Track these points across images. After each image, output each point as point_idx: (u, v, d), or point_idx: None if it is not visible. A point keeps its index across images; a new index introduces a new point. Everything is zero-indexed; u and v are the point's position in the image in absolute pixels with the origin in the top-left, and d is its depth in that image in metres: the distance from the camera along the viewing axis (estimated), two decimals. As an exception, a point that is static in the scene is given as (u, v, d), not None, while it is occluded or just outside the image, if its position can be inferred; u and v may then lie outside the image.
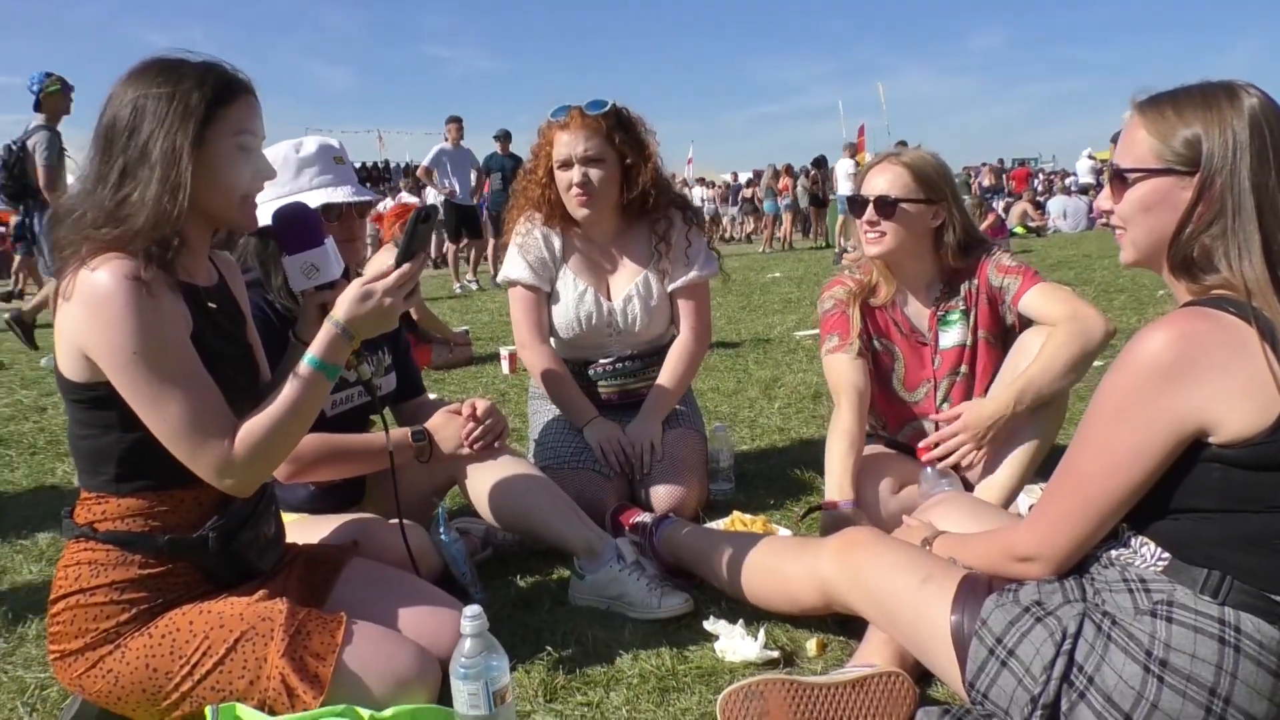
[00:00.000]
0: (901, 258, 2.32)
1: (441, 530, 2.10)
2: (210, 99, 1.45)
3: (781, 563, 1.80)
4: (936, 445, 2.23)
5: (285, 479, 2.04)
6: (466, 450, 2.14)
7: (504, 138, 10.92)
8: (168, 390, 1.41)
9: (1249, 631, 1.21)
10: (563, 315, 2.67)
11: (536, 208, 2.66)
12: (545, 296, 2.68)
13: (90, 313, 1.39)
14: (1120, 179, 1.32)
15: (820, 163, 18.01)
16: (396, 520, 2.10)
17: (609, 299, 2.68)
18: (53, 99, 6.40)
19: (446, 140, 10.40)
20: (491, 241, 11.24)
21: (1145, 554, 1.31)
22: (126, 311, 1.38)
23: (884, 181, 2.26)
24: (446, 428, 2.16)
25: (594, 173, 2.53)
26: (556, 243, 2.67)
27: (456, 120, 10.40)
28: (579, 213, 2.59)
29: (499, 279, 2.75)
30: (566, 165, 2.54)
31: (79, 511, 1.55)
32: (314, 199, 2.01)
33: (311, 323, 1.63)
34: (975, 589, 1.44)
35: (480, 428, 2.15)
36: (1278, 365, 1.17)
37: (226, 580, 1.59)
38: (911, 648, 1.53)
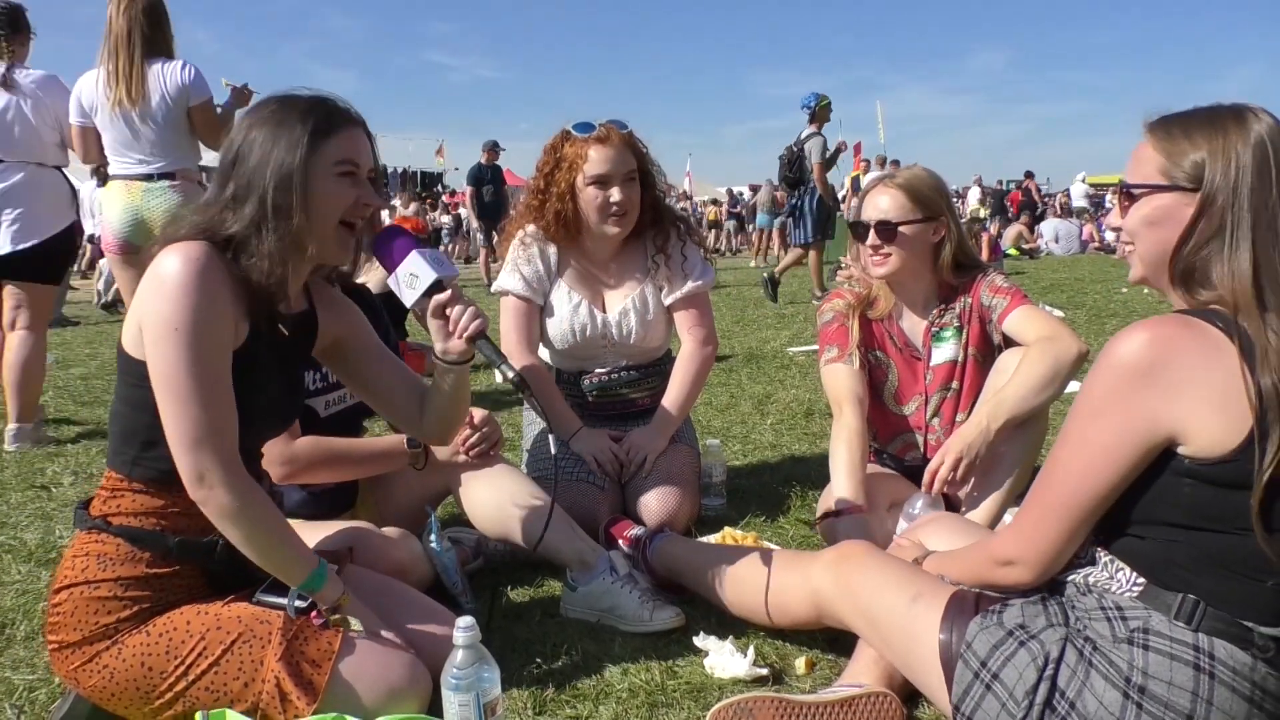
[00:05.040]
0: (904, 276, 2.37)
1: (434, 539, 2.11)
2: (314, 130, 1.54)
3: (775, 574, 1.80)
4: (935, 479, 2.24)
5: (280, 480, 2.05)
6: (462, 457, 2.16)
7: (492, 149, 11.13)
8: (188, 380, 1.45)
9: (1223, 658, 1.23)
10: (557, 327, 2.68)
11: (547, 225, 2.62)
12: (537, 309, 2.69)
13: (153, 284, 1.47)
14: (1129, 196, 1.35)
15: None
16: (389, 529, 2.11)
17: (604, 311, 2.69)
18: (823, 111, 8.66)
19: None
20: (483, 252, 11.42)
21: (1121, 579, 1.32)
22: (182, 289, 1.45)
23: (883, 205, 2.32)
24: None
25: (631, 191, 2.55)
26: (553, 257, 2.67)
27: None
28: (610, 230, 2.57)
29: (494, 289, 2.76)
30: (604, 182, 2.52)
31: (95, 504, 1.58)
32: None
33: (437, 337, 1.67)
34: (963, 608, 1.45)
35: (477, 435, 2.16)
36: (1253, 384, 1.18)
37: (228, 585, 1.60)
38: (900, 665, 1.55)
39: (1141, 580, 1.30)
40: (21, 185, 3.63)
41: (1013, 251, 14.74)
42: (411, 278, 1.62)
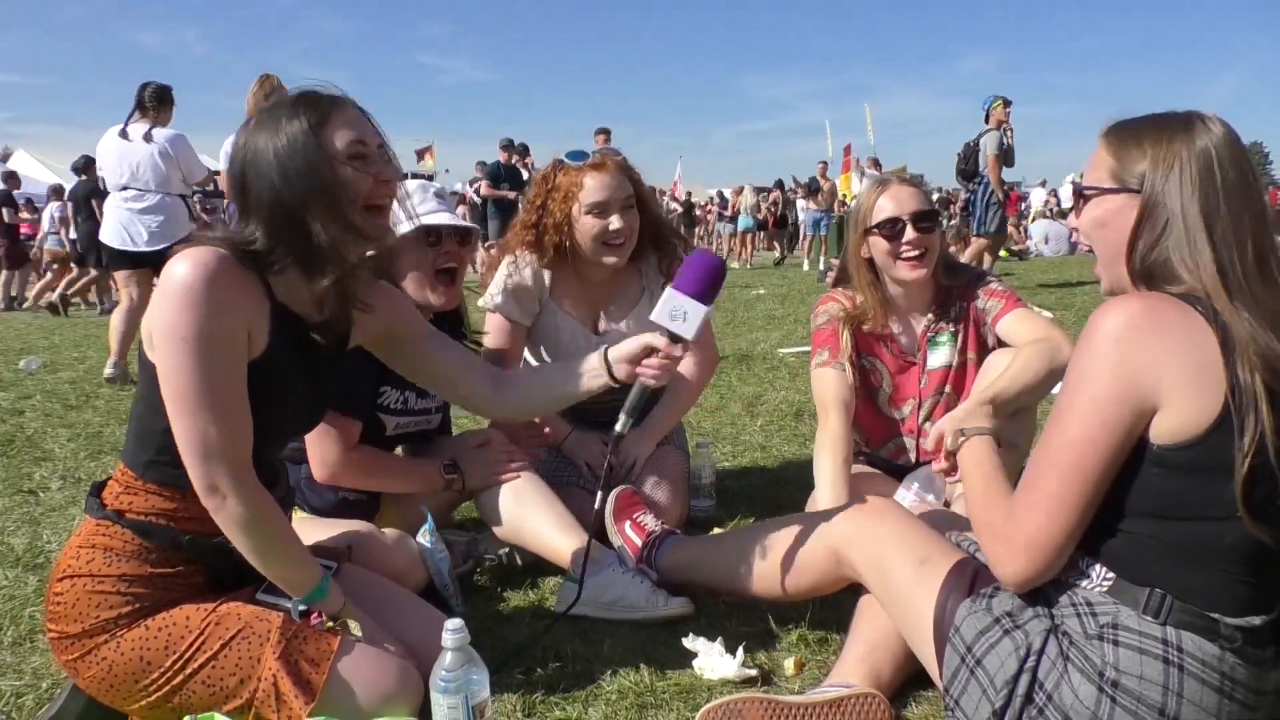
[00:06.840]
0: (925, 278, 2.34)
1: (428, 539, 2.11)
2: (311, 124, 1.49)
3: (793, 530, 1.81)
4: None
5: (323, 479, 2.13)
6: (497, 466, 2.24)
7: (509, 148, 11.10)
8: (197, 391, 1.43)
9: (1190, 650, 1.25)
10: (551, 350, 2.66)
11: (543, 253, 2.56)
12: (524, 331, 2.64)
13: (161, 290, 1.45)
14: (1082, 197, 1.39)
15: (780, 185, 19.33)
16: (389, 530, 2.14)
17: (597, 335, 2.66)
18: (997, 110, 9.09)
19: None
20: (481, 253, 11.28)
21: (1093, 575, 1.33)
22: (187, 297, 1.42)
23: (909, 200, 2.29)
24: (475, 462, 2.26)
25: (630, 219, 2.48)
26: (547, 281, 2.62)
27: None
28: (608, 260, 2.50)
29: (481, 303, 2.69)
30: (604, 210, 2.45)
31: (107, 494, 1.57)
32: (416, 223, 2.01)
33: (624, 359, 1.69)
34: (960, 584, 1.46)
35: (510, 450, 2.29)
36: (1224, 369, 1.19)
37: (228, 587, 1.60)
38: (898, 624, 1.57)
39: (1111, 575, 1.31)
40: (157, 205, 5.39)
41: (1002, 253, 14.80)
42: (683, 314, 1.64)
